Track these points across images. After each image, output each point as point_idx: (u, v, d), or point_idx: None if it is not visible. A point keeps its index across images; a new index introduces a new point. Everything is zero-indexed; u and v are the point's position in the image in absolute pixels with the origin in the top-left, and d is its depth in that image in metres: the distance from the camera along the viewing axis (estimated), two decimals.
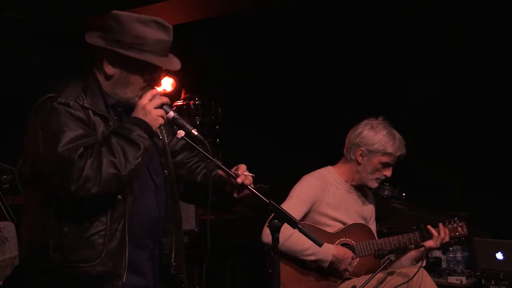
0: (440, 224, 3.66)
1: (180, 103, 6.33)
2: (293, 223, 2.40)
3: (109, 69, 2.42)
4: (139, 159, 2.30)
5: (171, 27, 2.46)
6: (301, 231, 2.41)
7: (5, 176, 4.11)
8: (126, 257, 2.37)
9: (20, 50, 5.89)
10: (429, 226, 3.65)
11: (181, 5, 5.87)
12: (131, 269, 2.40)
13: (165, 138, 2.63)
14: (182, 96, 6.55)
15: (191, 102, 6.26)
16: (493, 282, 4.17)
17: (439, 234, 3.63)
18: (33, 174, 2.36)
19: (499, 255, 4.20)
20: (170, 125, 2.52)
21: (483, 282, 4.23)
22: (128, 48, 2.37)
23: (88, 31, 2.48)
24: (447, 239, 3.66)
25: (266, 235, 3.45)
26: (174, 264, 2.57)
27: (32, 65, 5.91)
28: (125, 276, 2.37)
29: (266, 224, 3.24)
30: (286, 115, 6.07)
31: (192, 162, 2.71)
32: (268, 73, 6.12)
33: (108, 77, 2.43)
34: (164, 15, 5.89)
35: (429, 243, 3.62)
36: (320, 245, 2.47)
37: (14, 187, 4.22)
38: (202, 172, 2.68)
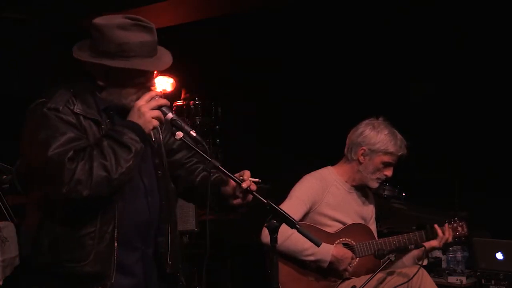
0: (446, 225, 3.67)
1: (180, 103, 6.32)
2: (291, 223, 2.40)
3: (100, 81, 2.44)
4: (130, 162, 2.31)
5: (153, 26, 2.45)
6: (299, 231, 2.42)
7: (5, 176, 4.11)
8: (115, 259, 2.40)
9: (20, 50, 5.90)
10: (435, 226, 3.66)
11: (181, 5, 5.87)
12: (121, 270, 2.43)
13: (161, 137, 2.62)
14: (182, 96, 6.55)
15: (191, 102, 6.25)
16: (493, 282, 4.17)
17: (444, 234, 3.64)
18: (28, 175, 2.42)
19: (499, 255, 4.20)
20: (170, 126, 2.52)
21: (483, 282, 4.23)
22: (113, 57, 2.37)
23: (80, 39, 2.49)
24: (450, 239, 3.67)
25: (265, 235, 3.45)
26: (170, 263, 2.58)
27: (32, 65, 5.91)
28: (114, 276, 2.40)
29: (265, 225, 3.25)
30: (286, 115, 6.07)
31: (192, 163, 2.70)
32: (268, 73, 6.12)
33: (100, 87, 2.45)
34: (164, 15, 5.92)
35: (433, 243, 3.63)
36: (318, 245, 2.47)
37: (14, 187, 4.22)
38: (202, 174, 2.68)
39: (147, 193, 2.51)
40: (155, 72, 2.52)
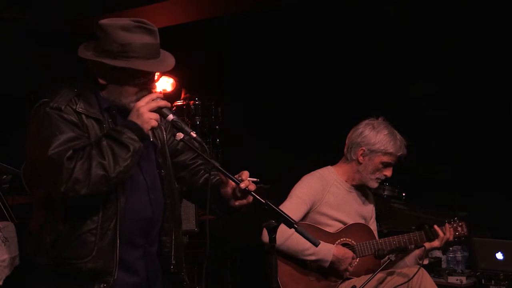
0: (446, 224, 3.68)
1: (180, 103, 6.32)
2: (289, 223, 2.40)
3: (101, 80, 2.48)
4: (128, 161, 2.35)
5: (156, 29, 2.50)
6: (297, 231, 2.42)
7: (5, 176, 4.11)
8: (117, 255, 2.43)
9: (20, 50, 5.89)
10: (435, 226, 3.66)
11: (181, 5, 5.87)
12: (123, 267, 2.46)
13: (165, 138, 2.66)
14: (182, 96, 6.54)
15: (191, 102, 6.25)
16: (493, 282, 4.17)
17: (445, 234, 3.64)
18: (33, 175, 2.46)
19: (499, 255, 4.20)
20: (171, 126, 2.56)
21: (483, 282, 4.24)
22: (115, 57, 2.42)
23: (85, 40, 2.52)
24: (451, 238, 3.68)
25: (266, 235, 3.45)
26: (174, 262, 2.61)
27: (32, 65, 5.91)
28: (116, 273, 2.43)
29: (263, 224, 3.25)
30: (286, 115, 6.07)
31: (195, 165, 2.74)
32: (268, 73, 6.12)
33: (102, 86, 2.49)
34: (164, 15, 5.92)
35: (434, 243, 3.63)
36: (316, 245, 2.47)
37: (14, 187, 4.22)
38: (204, 176, 2.70)
39: (149, 190, 2.54)
40: (157, 74, 2.55)
